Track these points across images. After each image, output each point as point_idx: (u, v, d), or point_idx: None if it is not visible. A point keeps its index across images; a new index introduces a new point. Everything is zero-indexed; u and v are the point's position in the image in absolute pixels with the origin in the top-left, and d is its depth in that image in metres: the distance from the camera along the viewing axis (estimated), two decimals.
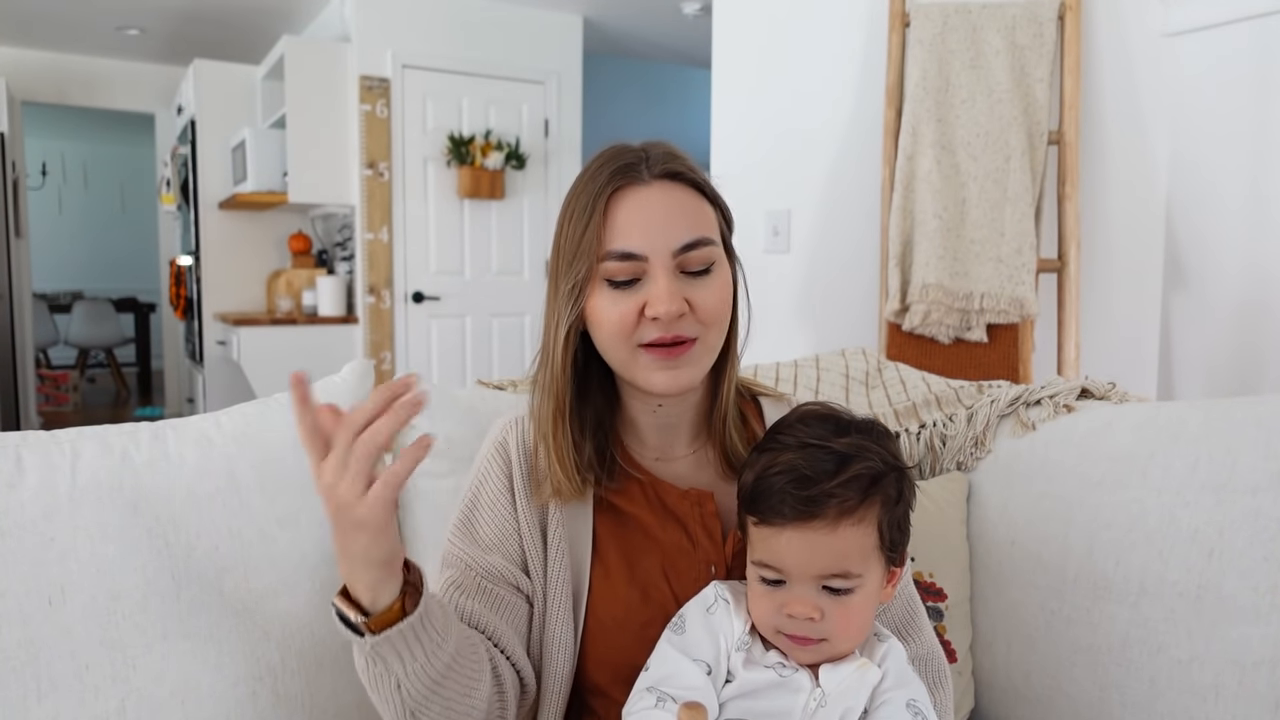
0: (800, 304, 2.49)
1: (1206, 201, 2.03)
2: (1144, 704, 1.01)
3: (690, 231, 0.80)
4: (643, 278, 0.80)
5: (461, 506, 0.91)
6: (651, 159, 0.82)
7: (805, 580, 0.74)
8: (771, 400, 0.98)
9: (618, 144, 0.85)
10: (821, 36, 2.40)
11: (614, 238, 0.80)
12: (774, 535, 0.75)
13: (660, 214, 0.80)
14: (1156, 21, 2.06)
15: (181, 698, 0.95)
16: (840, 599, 0.74)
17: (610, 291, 0.80)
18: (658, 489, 0.89)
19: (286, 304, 4.66)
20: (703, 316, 0.81)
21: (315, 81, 4.29)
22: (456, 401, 1.19)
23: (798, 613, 0.73)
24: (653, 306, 0.78)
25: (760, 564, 0.76)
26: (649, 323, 0.80)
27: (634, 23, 4.94)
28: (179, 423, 1.06)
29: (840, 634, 0.75)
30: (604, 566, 0.87)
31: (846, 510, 0.73)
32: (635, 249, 0.79)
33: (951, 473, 1.26)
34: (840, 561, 0.74)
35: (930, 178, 2.06)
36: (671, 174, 0.81)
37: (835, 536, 0.73)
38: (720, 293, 0.82)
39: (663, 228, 0.79)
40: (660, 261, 0.79)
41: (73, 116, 7.34)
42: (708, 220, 0.82)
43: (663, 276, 0.79)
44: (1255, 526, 0.94)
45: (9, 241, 4.82)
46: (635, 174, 0.81)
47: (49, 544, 0.91)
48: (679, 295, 0.79)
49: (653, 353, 0.81)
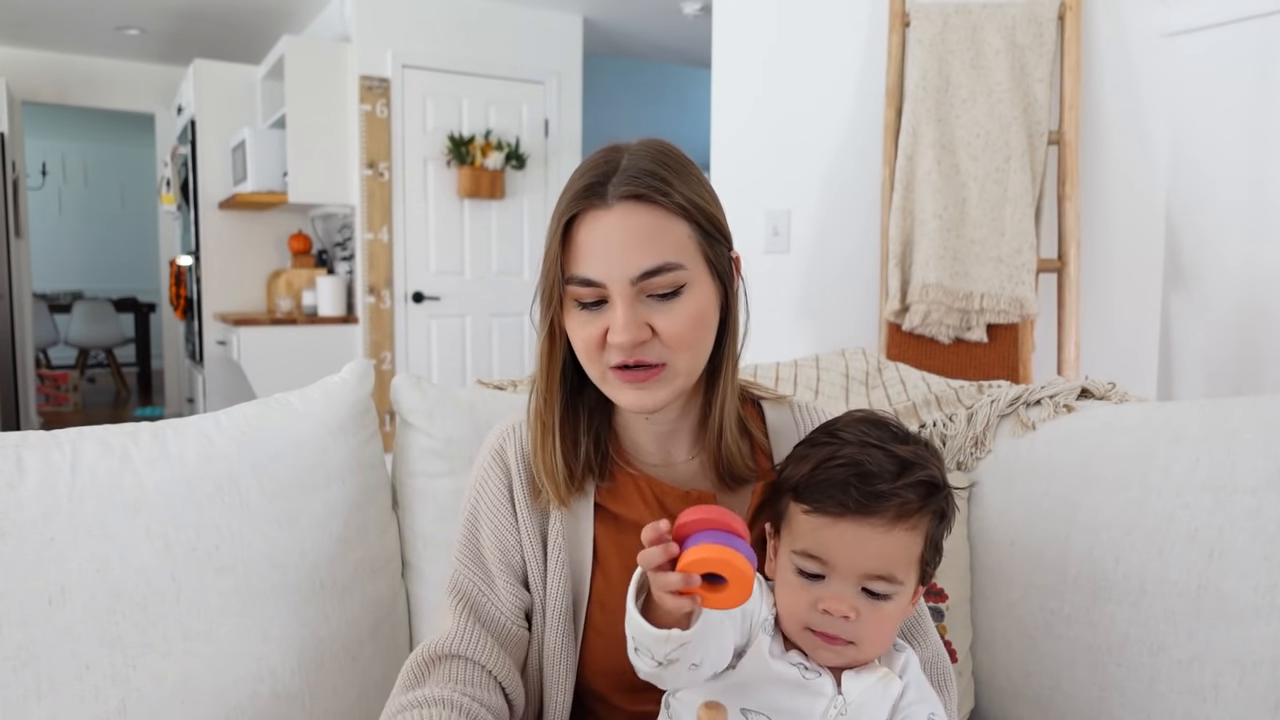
0: (800, 304, 2.49)
1: (1206, 201, 2.03)
2: (1144, 704, 1.01)
3: (651, 257, 0.77)
4: (608, 301, 0.79)
5: (464, 520, 0.91)
6: (619, 177, 0.78)
7: (848, 577, 0.73)
8: (772, 403, 0.97)
9: (607, 147, 0.83)
10: (821, 36, 2.40)
11: (575, 263, 0.79)
12: (828, 526, 0.74)
13: (618, 241, 0.77)
14: (1156, 21, 2.06)
15: (181, 698, 0.95)
16: (877, 604, 0.74)
17: (579, 312, 0.81)
18: (657, 490, 0.88)
19: (286, 304, 4.66)
20: (668, 341, 0.79)
21: (315, 81, 4.29)
22: (457, 401, 1.19)
23: (834, 609, 0.72)
24: (612, 334, 0.78)
25: (804, 554, 0.75)
26: (612, 348, 0.79)
27: (634, 23, 4.94)
28: (179, 423, 1.06)
29: (870, 639, 0.74)
30: (604, 575, 0.87)
31: (905, 513, 0.73)
32: (594, 276, 0.78)
33: (951, 473, 1.26)
34: (888, 564, 0.73)
35: (930, 178, 2.06)
36: (635, 196, 0.78)
37: (889, 537, 0.73)
38: (687, 317, 0.79)
39: (620, 255, 0.77)
40: (619, 289, 0.78)
41: (73, 116, 7.34)
42: (674, 242, 0.79)
43: (620, 305, 0.78)
44: (1255, 526, 0.94)
45: (9, 241, 4.82)
46: (598, 197, 0.78)
47: (49, 544, 0.91)
48: (637, 323, 0.78)
49: (619, 374, 0.80)
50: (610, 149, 0.82)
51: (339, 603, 1.06)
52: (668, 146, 0.83)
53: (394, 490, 1.20)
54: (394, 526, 1.18)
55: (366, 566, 1.11)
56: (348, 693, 1.07)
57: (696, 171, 0.83)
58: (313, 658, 1.03)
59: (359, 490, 1.11)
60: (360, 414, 1.14)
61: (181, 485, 0.99)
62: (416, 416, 1.17)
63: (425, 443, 1.16)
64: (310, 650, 1.03)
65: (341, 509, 1.09)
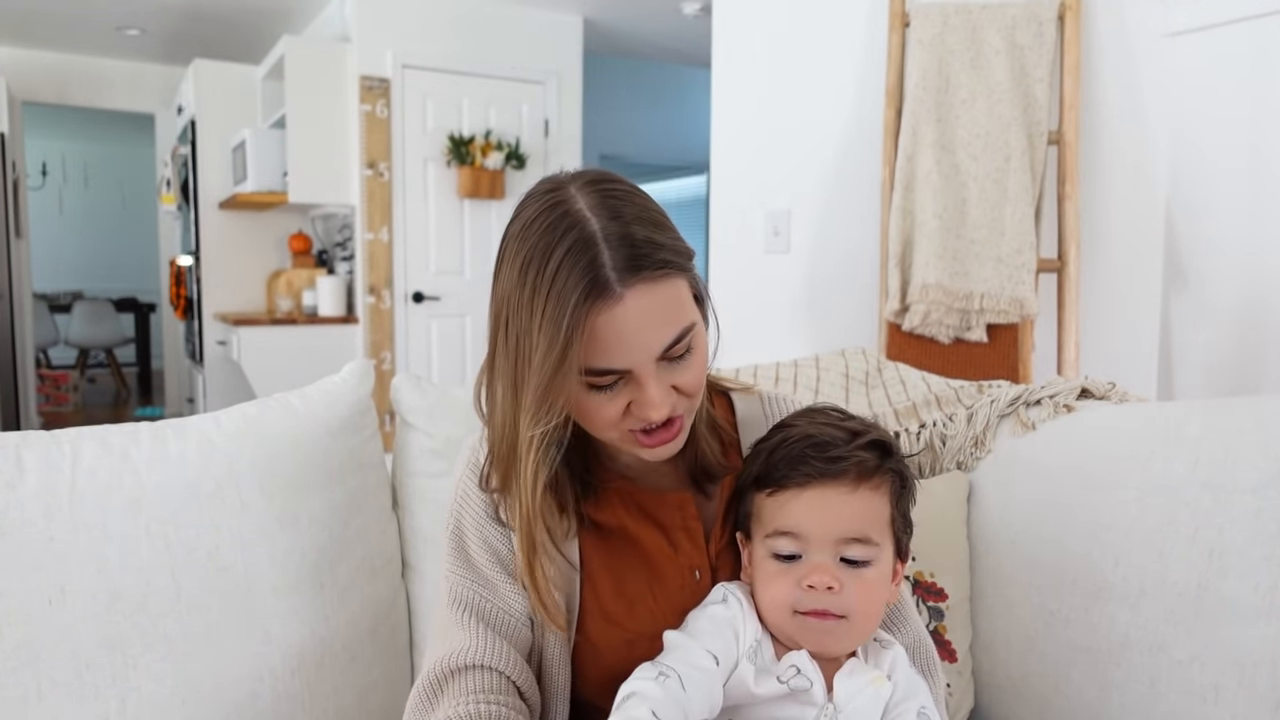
0: (800, 304, 2.49)
1: (1206, 201, 2.03)
2: (1144, 704, 1.01)
3: (671, 329, 0.74)
4: (626, 379, 0.75)
5: (449, 536, 0.89)
6: (612, 256, 0.71)
7: (824, 547, 0.74)
8: (740, 394, 0.97)
9: (558, 207, 0.74)
10: (821, 36, 2.40)
11: (593, 357, 0.73)
12: (793, 499, 0.75)
13: (636, 327, 0.73)
14: (1156, 21, 2.06)
15: (182, 698, 0.95)
16: (858, 572, 0.74)
17: (595, 394, 0.76)
18: (637, 496, 0.88)
19: (286, 304, 4.66)
20: (689, 392, 0.78)
21: (315, 81, 4.29)
22: (456, 401, 1.19)
23: (817, 582, 0.73)
24: (644, 412, 0.75)
25: (777, 534, 0.76)
26: (641, 418, 0.76)
27: (634, 23, 4.94)
28: (179, 423, 1.06)
29: (859, 610, 0.74)
30: (592, 586, 0.86)
31: (866, 472, 0.75)
32: (619, 366, 0.74)
33: (951, 473, 1.26)
34: (860, 524, 0.74)
35: (930, 178, 2.06)
36: (638, 274, 0.72)
37: (856, 497, 0.75)
38: (702, 363, 0.78)
39: (642, 340, 0.73)
40: (645, 369, 0.74)
41: (73, 116, 7.34)
42: (683, 301, 0.75)
43: (651, 384, 0.74)
44: (1255, 526, 0.94)
45: (9, 241, 4.82)
46: (605, 289, 0.71)
47: (49, 544, 0.91)
48: (668, 391, 0.76)
49: (644, 437, 0.78)
50: (564, 213, 0.73)
51: (339, 603, 1.06)
52: (616, 186, 0.77)
53: (394, 490, 1.20)
54: (394, 526, 1.18)
55: (366, 566, 1.11)
56: (348, 693, 1.07)
57: (644, 196, 0.78)
58: (313, 658, 1.03)
59: (359, 490, 1.11)
60: (360, 414, 1.14)
61: (181, 485, 0.99)
62: (416, 416, 1.17)
63: (425, 442, 1.16)
64: (310, 650, 1.03)
65: (341, 509, 1.09)
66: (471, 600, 0.85)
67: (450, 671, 0.80)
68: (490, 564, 0.86)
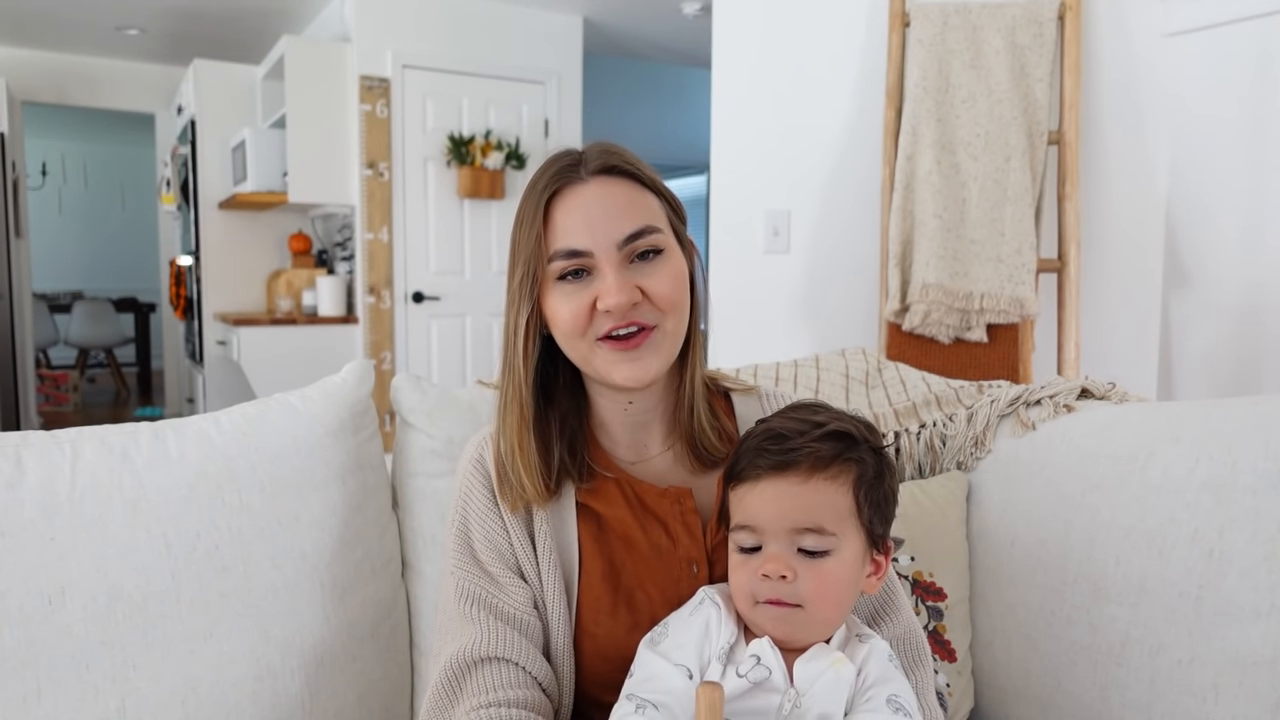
0: (800, 304, 2.49)
1: (1206, 201, 2.03)
2: (1144, 704, 1.01)
3: (633, 221, 0.82)
4: (593, 272, 0.81)
5: (454, 532, 0.90)
6: (588, 158, 0.84)
7: (779, 537, 0.74)
8: (741, 394, 0.98)
9: (562, 150, 0.87)
10: (821, 36, 2.40)
11: (558, 238, 0.81)
12: (749, 491, 0.76)
13: (600, 208, 0.81)
14: (1156, 21, 2.06)
15: (181, 698, 0.95)
16: (814, 562, 0.74)
17: (562, 289, 0.82)
18: (635, 488, 0.89)
19: (286, 304, 4.66)
20: (658, 302, 0.82)
21: (315, 81, 4.29)
22: (456, 402, 1.19)
23: (770, 571, 0.73)
24: (603, 299, 0.80)
25: (738, 528, 0.77)
26: (603, 316, 0.81)
27: (634, 23, 4.94)
28: (179, 423, 1.06)
29: (815, 600, 0.74)
30: (589, 577, 0.87)
31: (820, 463, 0.75)
32: (580, 246, 0.81)
33: (951, 473, 1.26)
34: (812, 515, 0.74)
35: (930, 178, 2.06)
36: (607, 168, 0.83)
37: (808, 487, 0.75)
38: (673, 278, 0.83)
39: (604, 221, 0.81)
40: (606, 256, 0.81)
41: (73, 116, 7.34)
42: (650, 209, 0.84)
43: (610, 270, 0.80)
44: (1255, 526, 0.94)
45: (9, 241, 4.82)
46: (573, 174, 0.83)
47: (49, 544, 0.91)
48: (629, 285, 0.81)
49: (611, 345, 0.82)
50: (563, 151, 0.86)
51: (339, 603, 1.06)
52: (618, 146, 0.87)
53: (394, 490, 1.20)
54: (394, 526, 1.18)
55: (366, 566, 1.11)
56: (348, 693, 1.07)
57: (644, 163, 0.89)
58: (313, 658, 1.03)
59: (359, 490, 1.11)
60: (360, 414, 1.14)
61: (181, 485, 0.99)
62: (416, 416, 1.17)
63: (425, 443, 1.16)
64: (310, 650, 1.03)
65: (341, 509, 1.09)
66: (479, 594, 0.86)
67: (467, 665, 0.81)
68: (494, 560, 0.87)
